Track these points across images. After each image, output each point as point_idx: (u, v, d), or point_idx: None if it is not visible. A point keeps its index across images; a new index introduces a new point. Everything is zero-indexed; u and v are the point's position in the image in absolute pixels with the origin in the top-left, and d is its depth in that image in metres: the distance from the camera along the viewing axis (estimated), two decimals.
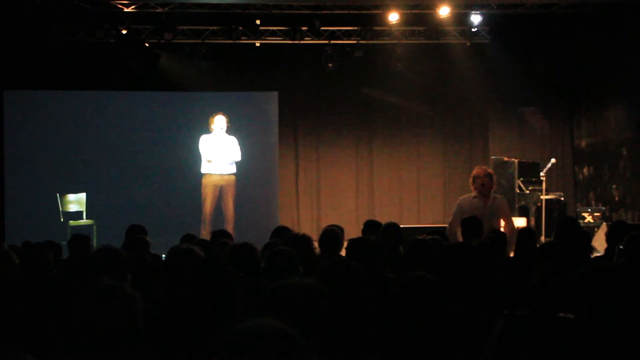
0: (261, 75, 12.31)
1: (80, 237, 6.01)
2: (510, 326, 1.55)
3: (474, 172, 6.93)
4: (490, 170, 7.00)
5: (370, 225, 5.90)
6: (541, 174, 10.67)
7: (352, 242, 4.20)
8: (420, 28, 12.01)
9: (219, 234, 5.72)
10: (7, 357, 1.72)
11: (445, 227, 6.91)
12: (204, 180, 11.09)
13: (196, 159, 11.75)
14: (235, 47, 11.96)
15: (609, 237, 5.28)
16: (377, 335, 2.64)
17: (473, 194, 6.79)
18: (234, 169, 11.22)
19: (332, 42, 11.97)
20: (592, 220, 10.62)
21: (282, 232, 5.58)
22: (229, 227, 10.25)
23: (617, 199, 11.51)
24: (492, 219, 6.53)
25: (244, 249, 3.96)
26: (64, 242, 6.20)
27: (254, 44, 11.96)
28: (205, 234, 10.10)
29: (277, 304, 2.19)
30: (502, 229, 6.55)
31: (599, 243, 8.80)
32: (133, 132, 11.74)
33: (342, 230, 5.47)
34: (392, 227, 5.35)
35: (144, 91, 12.06)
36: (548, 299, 3.10)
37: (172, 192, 11.65)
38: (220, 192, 11.13)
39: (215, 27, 11.86)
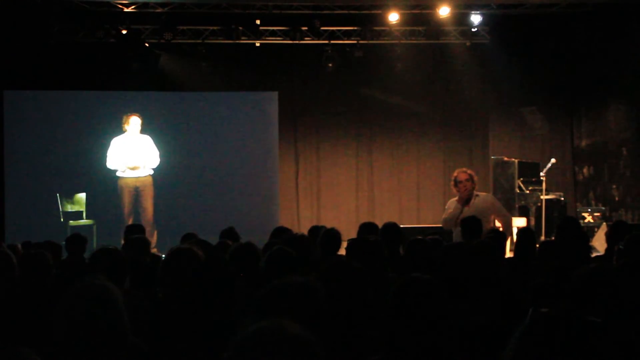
0: (261, 75, 12.31)
1: (77, 238, 6.01)
2: (538, 325, 1.52)
3: (455, 175, 6.96)
4: (470, 172, 7.02)
5: (366, 228, 5.65)
6: (541, 174, 10.66)
7: (352, 242, 4.20)
8: (420, 28, 12.00)
9: (226, 233, 5.71)
10: (9, 352, 1.72)
11: None
12: (119, 184, 10.83)
13: (195, 158, 11.75)
14: (235, 47, 11.95)
15: (609, 237, 5.28)
16: (377, 335, 2.64)
17: (457, 196, 6.92)
18: (150, 171, 10.99)
19: (332, 42, 11.96)
20: (592, 220, 10.61)
21: (282, 233, 5.56)
22: (148, 231, 9.75)
23: (617, 199, 11.50)
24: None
25: (244, 249, 3.97)
26: (64, 242, 6.20)
27: (254, 44, 11.95)
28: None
29: (276, 304, 2.19)
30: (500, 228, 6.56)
31: (599, 243, 8.82)
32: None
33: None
34: (392, 227, 5.33)
35: (144, 91, 12.04)
36: (548, 299, 3.10)
37: (172, 192, 11.63)
38: (136, 193, 10.80)
39: (215, 27, 11.85)
